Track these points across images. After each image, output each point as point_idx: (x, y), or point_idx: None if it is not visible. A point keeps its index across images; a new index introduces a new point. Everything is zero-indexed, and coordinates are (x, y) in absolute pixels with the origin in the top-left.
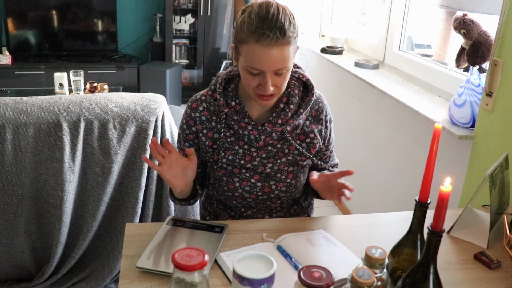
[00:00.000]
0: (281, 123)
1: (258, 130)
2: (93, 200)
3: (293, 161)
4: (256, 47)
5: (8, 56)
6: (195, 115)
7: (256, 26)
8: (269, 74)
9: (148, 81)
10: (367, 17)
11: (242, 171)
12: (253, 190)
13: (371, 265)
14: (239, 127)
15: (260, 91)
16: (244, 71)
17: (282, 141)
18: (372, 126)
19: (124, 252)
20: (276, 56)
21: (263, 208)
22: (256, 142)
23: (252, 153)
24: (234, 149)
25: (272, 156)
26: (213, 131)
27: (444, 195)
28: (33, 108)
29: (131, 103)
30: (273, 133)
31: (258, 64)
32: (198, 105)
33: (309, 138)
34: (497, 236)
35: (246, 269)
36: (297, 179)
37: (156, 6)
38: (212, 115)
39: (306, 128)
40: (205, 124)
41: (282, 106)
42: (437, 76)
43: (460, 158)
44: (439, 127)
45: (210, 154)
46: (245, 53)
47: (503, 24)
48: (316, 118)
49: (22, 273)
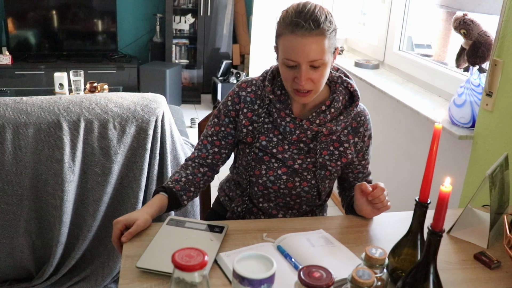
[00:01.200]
0: (318, 123)
1: (295, 123)
2: (93, 200)
3: (322, 164)
4: (291, 38)
5: (8, 56)
6: (242, 94)
7: (292, 17)
8: (304, 66)
9: (148, 81)
10: (367, 17)
11: (272, 160)
12: (277, 181)
13: (371, 265)
14: (279, 116)
15: (295, 85)
16: (281, 66)
17: (316, 142)
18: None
19: (124, 252)
20: (310, 46)
21: (281, 203)
22: (290, 135)
23: (284, 144)
24: (268, 136)
25: (303, 153)
26: (254, 113)
27: (444, 195)
28: (33, 108)
29: (131, 103)
30: (308, 131)
31: (293, 55)
32: (247, 86)
33: (343, 147)
34: (497, 236)
35: (246, 269)
36: (322, 183)
37: (156, 6)
38: (257, 99)
39: (343, 137)
40: (248, 105)
41: (324, 108)
42: (437, 76)
43: (460, 158)
44: (439, 127)
45: (244, 134)
46: (282, 46)
47: (503, 24)
48: (355, 130)
49: (22, 273)
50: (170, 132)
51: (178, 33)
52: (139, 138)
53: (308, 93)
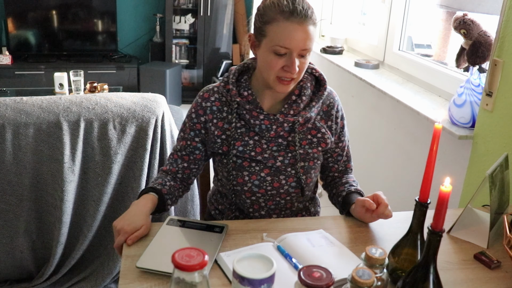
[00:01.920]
0: (293, 114)
1: (270, 119)
2: (93, 200)
3: (304, 155)
4: (287, 24)
5: (8, 56)
6: (206, 105)
7: (288, 3)
8: (295, 53)
9: (148, 81)
10: (367, 17)
11: (252, 164)
12: (263, 184)
13: (371, 265)
14: (251, 116)
15: (283, 73)
16: (269, 53)
17: (294, 134)
18: (372, 126)
19: (124, 252)
20: (305, 34)
21: (272, 206)
22: (267, 132)
23: (262, 144)
24: (244, 140)
25: (283, 149)
26: (224, 121)
27: (444, 195)
28: (33, 108)
29: (131, 103)
30: (285, 124)
31: (287, 41)
32: (210, 95)
33: (320, 133)
34: (497, 236)
35: (246, 269)
36: (308, 175)
37: (156, 6)
38: (223, 106)
39: (318, 123)
40: (215, 114)
41: (294, 98)
42: (437, 76)
43: (460, 158)
44: (439, 127)
45: (219, 145)
46: (273, 32)
47: (503, 24)
48: (327, 114)
49: (22, 273)
50: (170, 132)
51: (178, 33)
52: (139, 138)
53: (290, 82)
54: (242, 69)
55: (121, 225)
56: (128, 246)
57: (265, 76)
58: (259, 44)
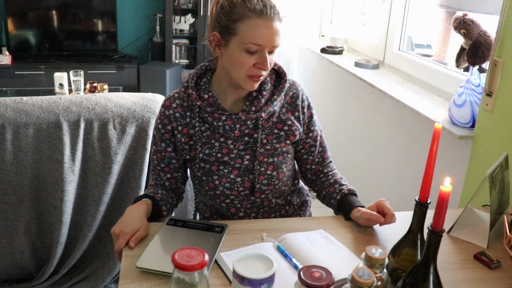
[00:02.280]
0: (255, 110)
1: (232, 119)
2: (93, 200)
3: (272, 150)
4: (259, 21)
5: (8, 56)
6: (169, 113)
7: (258, 1)
8: (266, 50)
9: (148, 81)
10: (367, 17)
11: (220, 168)
12: (234, 186)
13: (371, 265)
14: (213, 118)
15: (255, 71)
16: (240, 51)
17: (259, 130)
18: (372, 126)
19: (124, 252)
20: (276, 30)
21: (248, 205)
22: (231, 132)
23: (229, 145)
24: (210, 143)
25: (250, 147)
26: (188, 127)
27: (444, 195)
28: (33, 108)
29: (131, 103)
30: (248, 121)
31: (260, 39)
32: (172, 103)
33: (286, 126)
34: (497, 236)
35: (246, 269)
36: (279, 170)
37: (156, 6)
38: (186, 111)
39: (283, 116)
40: (179, 121)
41: (255, 94)
42: (437, 76)
43: (460, 158)
44: (439, 127)
45: (187, 151)
46: (245, 30)
47: (503, 24)
48: (292, 105)
49: (22, 273)
50: None
51: (178, 33)
52: (139, 138)
53: (260, 78)
54: (201, 72)
55: (120, 229)
56: (131, 248)
57: (233, 75)
58: (227, 43)
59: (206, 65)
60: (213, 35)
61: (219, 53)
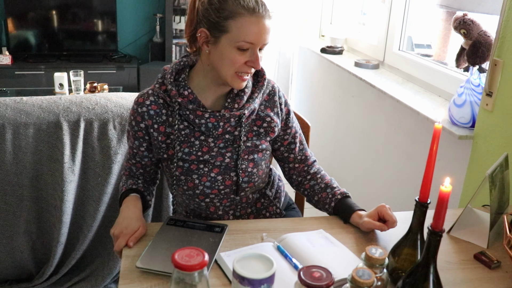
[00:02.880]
0: (238, 108)
1: (216, 117)
2: (93, 200)
3: (252, 147)
4: (251, 19)
5: (8, 56)
6: (142, 110)
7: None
8: (257, 48)
9: (148, 81)
10: (367, 17)
11: (200, 166)
12: (214, 184)
13: (371, 265)
14: (195, 116)
15: (245, 69)
16: (231, 49)
17: (240, 128)
18: (372, 126)
19: (124, 252)
20: (268, 28)
21: (227, 203)
22: (214, 130)
23: (209, 143)
24: (190, 141)
25: (230, 144)
26: (165, 125)
27: (444, 195)
28: (33, 108)
29: (131, 103)
30: (231, 119)
31: (253, 37)
32: (145, 99)
33: (266, 123)
34: (497, 236)
35: (246, 269)
36: (259, 167)
37: (156, 6)
38: (161, 109)
39: (261, 113)
40: (154, 119)
41: (236, 91)
42: (437, 76)
43: (460, 158)
44: (439, 127)
45: (164, 149)
46: (237, 28)
47: (503, 24)
48: (270, 102)
49: (22, 273)
50: None
51: (178, 33)
52: None
53: (248, 76)
54: (179, 68)
55: (119, 230)
56: (130, 248)
57: (222, 73)
58: (216, 40)
59: (184, 61)
60: (200, 31)
61: (207, 50)
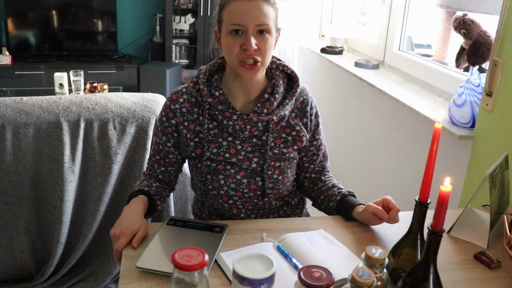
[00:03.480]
0: (266, 113)
1: (243, 120)
2: (93, 200)
3: (279, 154)
4: (237, 3)
5: (8, 56)
6: (175, 107)
7: None
8: (252, 30)
9: (148, 81)
10: (367, 17)
11: (227, 168)
12: (239, 187)
13: (371, 265)
14: (224, 117)
15: (243, 55)
16: (226, 36)
17: (268, 133)
18: (372, 126)
19: (124, 252)
20: (257, 9)
21: (250, 207)
22: (241, 132)
23: (236, 145)
24: (218, 142)
25: (258, 149)
26: (195, 124)
27: (444, 195)
28: (33, 108)
29: (131, 103)
30: (259, 123)
31: (240, 18)
32: (178, 97)
33: (295, 131)
34: (497, 236)
35: (246, 269)
36: (284, 175)
37: (156, 6)
38: (193, 107)
39: (292, 121)
40: (186, 116)
41: (267, 96)
42: (437, 76)
43: (460, 158)
44: (439, 127)
45: (192, 148)
46: (227, 14)
47: (503, 24)
48: (301, 111)
49: (22, 273)
50: None
51: (178, 33)
52: (139, 138)
53: (255, 66)
54: (213, 69)
55: (120, 230)
56: (135, 249)
57: (230, 65)
58: (220, 34)
59: (219, 63)
60: (215, 32)
61: (221, 48)
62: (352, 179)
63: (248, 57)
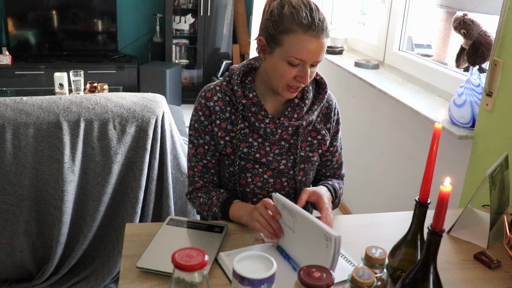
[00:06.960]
0: (296, 118)
1: (275, 123)
2: (93, 200)
3: (305, 157)
4: (304, 37)
5: (8, 56)
6: (210, 105)
7: (306, 16)
8: (309, 64)
9: (148, 81)
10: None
11: (256, 166)
12: (265, 186)
13: (371, 265)
14: (256, 119)
15: (295, 83)
16: (282, 62)
17: (296, 137)
18: (372, 126)
19: (124, 252)
20: (320, 47)
21: None
22: (272, 135)
23: (265, 147)
24: (248, 141)
25: (285, 152)
26: (227, 122)
27: (444, 195)
28: (33, 108)
29: (131, 103)
30: (290, 128)
31: (303, 54)
32: (213, 95)
33: (320, 135)
34: (497, 236)
35: (246, 269)
36: (307, 176)
37: (156, 6)
38: (226, 106)
39: (318, 125)
40: (218, 115)
41: (297, 101)
42: (437, 76)
43: (460, 158)
44: (439, 127)
45: (222, 146)
46: (290, 44)
47: (503, 24)
48: (326, 116)
49: (22, 273)
50: (170, 132)
51: (178, 33)
52: (139, 138)
53: (298, 89)
54: (246, 70)
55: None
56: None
57: (273, 83)
58: (272, 51)
59: (252, 63)
60: (259, 39)
61: (263, 58)
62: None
63: (298, 86)
